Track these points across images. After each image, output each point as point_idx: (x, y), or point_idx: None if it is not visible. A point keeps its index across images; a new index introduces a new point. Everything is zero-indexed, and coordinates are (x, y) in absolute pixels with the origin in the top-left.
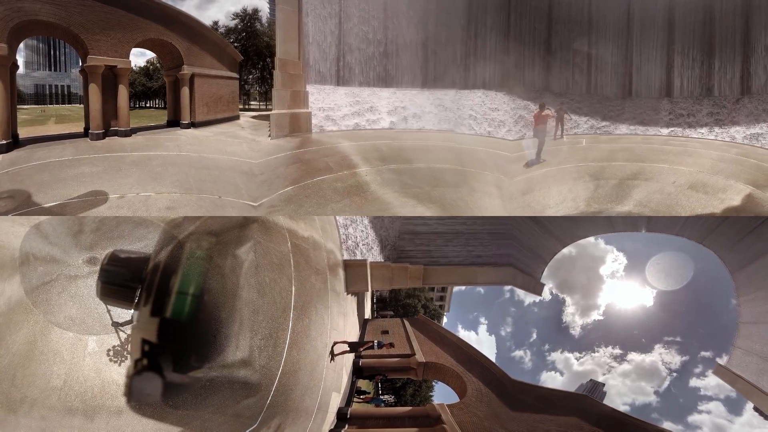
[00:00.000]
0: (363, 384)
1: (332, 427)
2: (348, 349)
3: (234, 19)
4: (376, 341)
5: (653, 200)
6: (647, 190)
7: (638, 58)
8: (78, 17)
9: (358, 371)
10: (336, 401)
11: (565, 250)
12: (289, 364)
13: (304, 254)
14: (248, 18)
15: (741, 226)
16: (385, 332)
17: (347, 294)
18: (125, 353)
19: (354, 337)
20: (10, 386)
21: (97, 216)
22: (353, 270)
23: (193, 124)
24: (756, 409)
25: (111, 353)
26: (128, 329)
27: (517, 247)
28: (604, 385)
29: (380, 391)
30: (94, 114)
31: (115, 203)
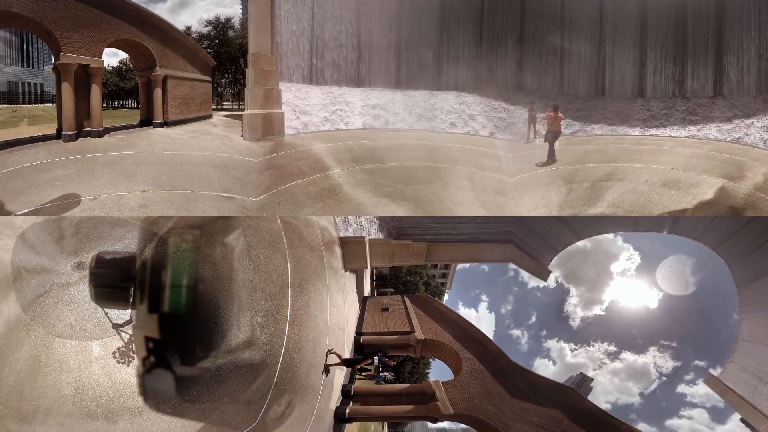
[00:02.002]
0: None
1: (338, 404)
2: (342, 363)
3: (207, 26)
4: (376, 357)
5: (626, 200)
6: (620, 190)
7: (611, 57)
8: (51, 13)
9: (359, 349)
10: (340, 379)
11: (580, 243)
12: (292, 341)
13: (296, 231)
14: (221, 26)
15: (755, 237)
16: (385, 309)
17: (345, 271)
18: (131, 353)
19: (354, 314)
20: (20, 401)
21: (73, 219)
22: (351, 247)
23: (165, 123)
24: (743, 420)
25: (117, 355)
26: (129, 329)
27: (526, 232)
28: (592, 380)
29: (380, 368)
30: (67, 114)
31: (88, 205)
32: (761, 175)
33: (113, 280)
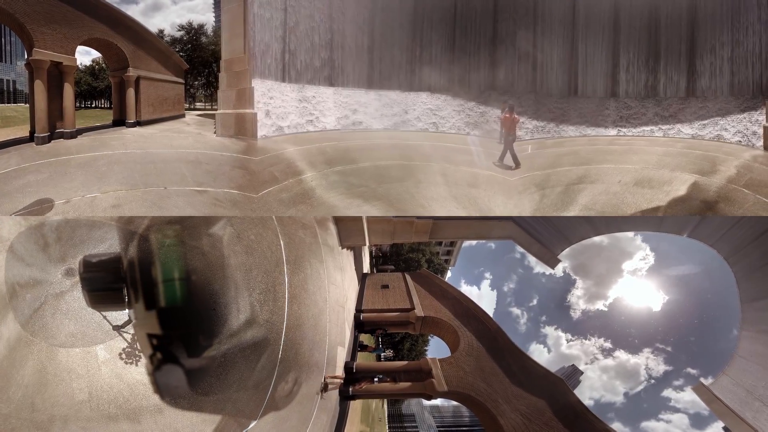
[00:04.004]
0: (364, 338)
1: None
2: (341, 384)
3: (180, 30)
4: (376, 379)
5: (599, 202)
6: (592, 192)
7: (584, 57)
8: (23, 5)
9: (359, 326)
10: (342, 355)
11: (597, 238)
12: (293, 319)
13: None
14: (194, 32)
15: (765, 251)
16: (385, 286)
17: (342, 248)
18: (137, 352)
19: (353, 291)
20: (32, 412)
21: (52, 224)
22: (347, 224)
23: (138, 123)
24: (726, 429)
25: (124, 356)
26: (130, 329)
27: (540, 221)
28: (582, 373)
29: (380, 346)
30: (39, 115)
31: (61, 209)
32: (734, 168)
33: (104, 283)
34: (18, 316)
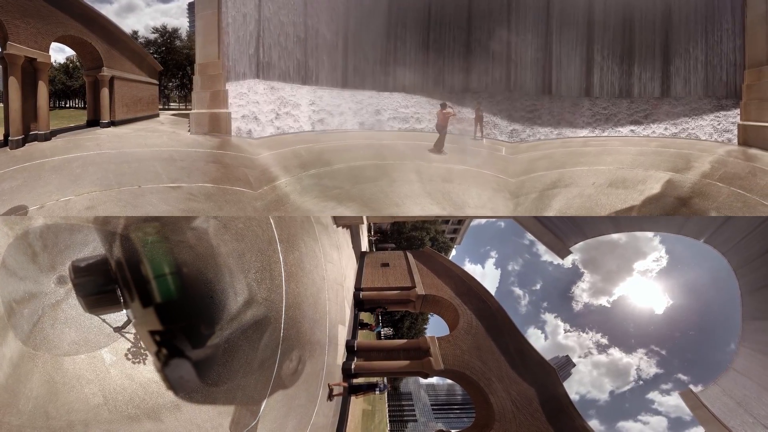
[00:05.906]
0: (365, 317)
1: (344, 360)
2: (345, 392)
3: (154, 33)
4: (378, 389)
5: (573, 206)
6: (566, 196)
7: (558, 57)
8: None
9: (359, 304)
10: (343, 334)
11: (615, 235)
12: (292, 297)
13: None
14: (168, 35)
15: None
16: (386, 265)
17: (337, 226)
18: (142, 351)
19: (352, 269)
20: (47, 420)
21: (35, 232)
22: None
23: (113, 123)
24: None
25: (130, 356)
26: (131, 328)
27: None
28: (574, 366)
29: (380, 324)
30: (13, 115)
31: (35, 214)
32: (708, 163)
33: (97, 286)
34: (18, 333)
